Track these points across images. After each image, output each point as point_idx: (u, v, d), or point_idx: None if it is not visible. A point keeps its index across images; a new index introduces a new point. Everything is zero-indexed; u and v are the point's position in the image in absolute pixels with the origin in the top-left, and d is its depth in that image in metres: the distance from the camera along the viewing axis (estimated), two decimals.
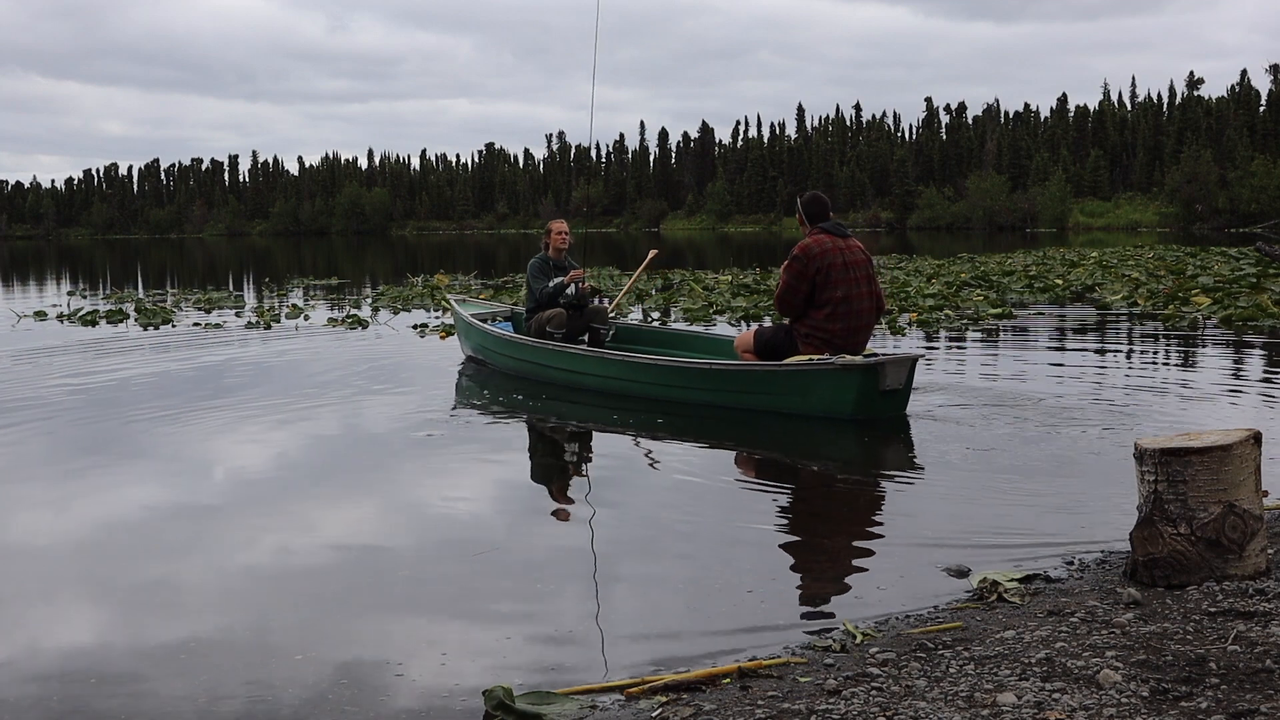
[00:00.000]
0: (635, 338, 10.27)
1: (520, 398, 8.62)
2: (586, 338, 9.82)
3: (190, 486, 6.05)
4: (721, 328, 13.56)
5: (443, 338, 12.96)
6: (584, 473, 6.38)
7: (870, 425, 7.26)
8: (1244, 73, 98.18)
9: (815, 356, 7.47)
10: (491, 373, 9.95)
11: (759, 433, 7.39)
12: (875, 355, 7.45)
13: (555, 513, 5.41)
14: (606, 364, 8.75)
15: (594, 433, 7.60)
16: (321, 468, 6.57)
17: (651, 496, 5.83)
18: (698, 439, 7.24)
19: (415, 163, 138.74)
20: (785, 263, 7.66)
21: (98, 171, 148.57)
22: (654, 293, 18.95)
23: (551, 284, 9.74)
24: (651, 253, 11.50)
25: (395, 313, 16.66)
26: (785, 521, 5.35)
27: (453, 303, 11.60)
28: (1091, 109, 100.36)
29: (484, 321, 10.60)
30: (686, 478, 6.23)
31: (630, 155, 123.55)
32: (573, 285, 9.71)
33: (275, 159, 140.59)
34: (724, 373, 7.91)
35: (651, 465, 6.55)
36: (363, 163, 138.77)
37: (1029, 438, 6.67)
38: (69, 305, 19.08)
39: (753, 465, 6.59)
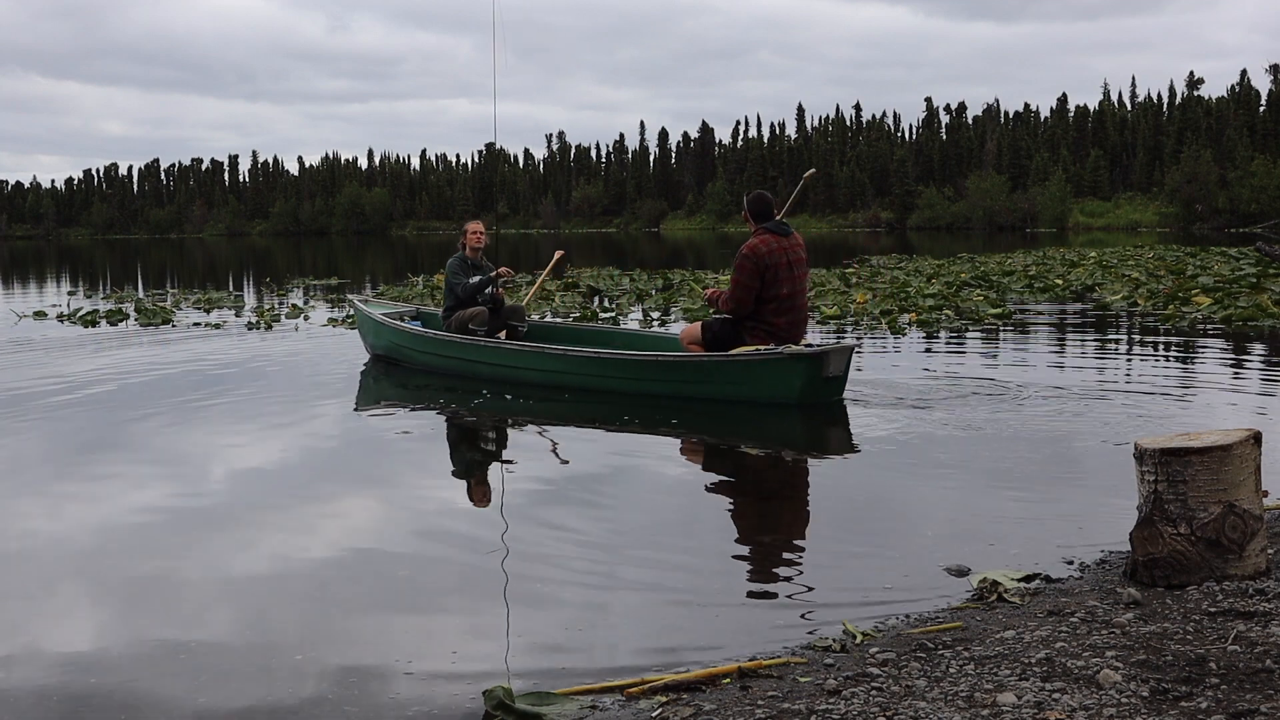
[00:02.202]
0: (550, 335, 10.43)
1: (510, 397, 8.60)
2: (504, 334, 10.04)
3: (188, 486, 6.05)
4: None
5: None
6: (577, 471, 6.37)
7: (866, 422, 7.27)
8: (1244, 73, 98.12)
9: (761, 347, 7.92)
10: (430, 371, 9.91)
11: (738, 425, 7.48)
12: (812, 345, 7.97)
13: (552, 511, 5.37)
14: (547, 358, 8.92)
15: (577, 430, 7.61)
16: (320, 467, 6.57)
17: (646, 494, 5.83)
18: (676, 433, 7.33)
19: (415, 163, 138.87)
20: (736, 263, 8.08)
21: (98, 171, 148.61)
22: (654, 293, 18.96)
23: (473, 280, 9.96)
24: (558, 253, 11.72)
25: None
26: (785, 521, 5.35)
27: (357, 302, 11.59)
28: (1091, 109, 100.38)
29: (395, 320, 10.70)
30: (678, 474, 6.24)
31: (630, 155, 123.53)
32: (491, 286, 10.02)
33: (275, 159, 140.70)
34: (677, 364, 8.20)
35: (641, 462, 6.56)
36: (363, 163, 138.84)
37: (1029, 438, 6.68)
38: (69, 305, 19.09)
39: (746, 462, 6.58)
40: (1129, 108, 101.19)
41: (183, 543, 4.95)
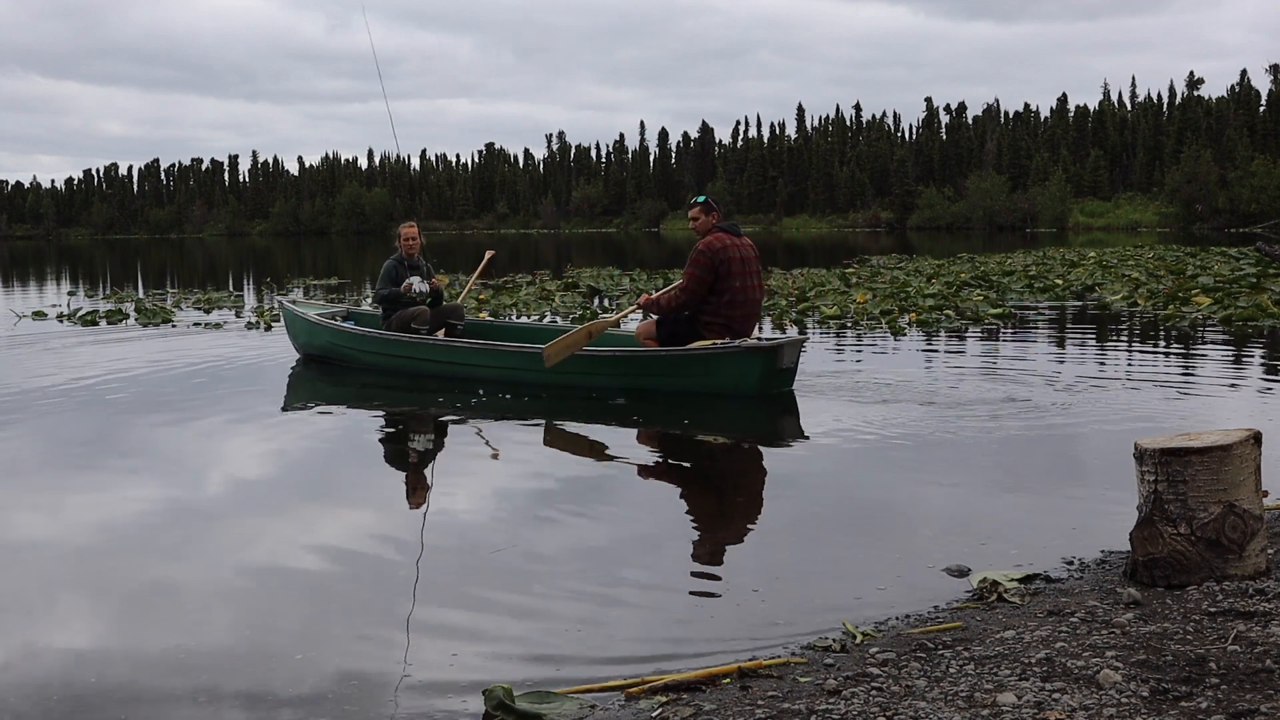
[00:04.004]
0: (484, 333, 10.56)
1: (508, 397, 8.61)
2: (443, 333, 10.16)
3: (188, 487, 6.05)
4: None
5: None
6: (573, 470, 6.37)
7: (865, 422, 7.27)
8: (1244, 73, 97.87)
9: (717, 341, 8.31)
10: (373, 371, 9.97)
11: (731, 424, 7.52)
12: (763, 339, 8.40)
13: (549, 511, 5.38)
14: (504, 355, 9.05)
15: (570, 430, 7.62)
16: (319, 467, 6.57)
17: (643, 492, 5.84)
18: (665, 429, 7.39)
19: (415, 163, 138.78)
20: (692, 258, 8.49)
21: (98, 171, 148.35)
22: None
23: (390, 290, 10.26)
24: (488, 253, 11.78)
25: None
26: (784, 520, 5.34)
27: (286, 303, 11.60)
28: (1091, 109, 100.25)
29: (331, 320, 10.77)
30: (674, 472, 6.25)
31: (630, 155, 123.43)
32: (415, 290, 10.26)
33: (275, 159, 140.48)
34: (641, 359, 8.50)
35: (634, 459, 6.56)
36: (363, 163, 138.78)
37: (1028, 438, 6.68)
38: (69, 305, 19.08)
39: (745, 461, 6.59)
40: (1129, 108, 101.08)
41: (181, 543, 4.95)
